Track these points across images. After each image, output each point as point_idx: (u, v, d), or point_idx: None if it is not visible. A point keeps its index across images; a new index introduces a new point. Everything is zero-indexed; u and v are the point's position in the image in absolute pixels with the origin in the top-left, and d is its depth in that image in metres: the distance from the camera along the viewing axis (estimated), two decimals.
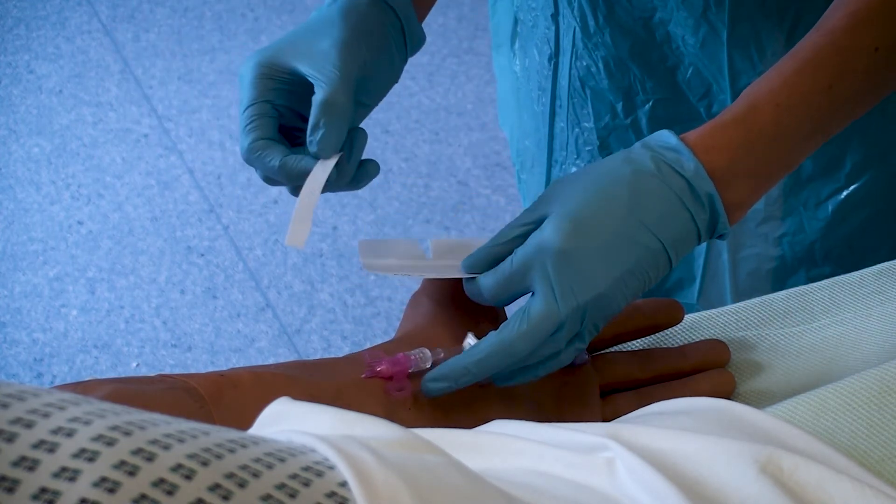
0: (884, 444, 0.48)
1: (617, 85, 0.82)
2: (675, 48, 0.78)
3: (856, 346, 0.62)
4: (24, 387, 0.28)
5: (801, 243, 0.85)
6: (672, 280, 0.92)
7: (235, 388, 0.51)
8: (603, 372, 0.61)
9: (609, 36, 0.80)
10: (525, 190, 1.01)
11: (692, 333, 0.66)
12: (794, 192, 0.83)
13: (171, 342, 1.74)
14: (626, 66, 0.81)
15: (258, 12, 2.35)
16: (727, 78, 0.78)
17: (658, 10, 0.77)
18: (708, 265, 0.89)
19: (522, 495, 0.36)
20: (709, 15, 0.74)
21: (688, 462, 0.42)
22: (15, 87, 2.17)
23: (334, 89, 0.60)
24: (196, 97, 2.16)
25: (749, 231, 0.85)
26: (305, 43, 0.63)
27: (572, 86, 0.85)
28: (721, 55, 0.76)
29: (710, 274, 0.89)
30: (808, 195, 0.82)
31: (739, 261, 0.87)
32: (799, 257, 0.85)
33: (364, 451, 0.30)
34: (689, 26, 0.76)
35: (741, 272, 0.87)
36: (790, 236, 0.85)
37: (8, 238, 1.89)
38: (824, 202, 0.82)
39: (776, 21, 0.74)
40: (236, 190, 1.99)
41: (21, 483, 0.25)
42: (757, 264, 0.87)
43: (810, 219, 0.83)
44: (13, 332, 1.75)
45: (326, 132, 0.60)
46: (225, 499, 0.26)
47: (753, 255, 0.87)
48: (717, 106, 0.80)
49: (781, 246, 0.85)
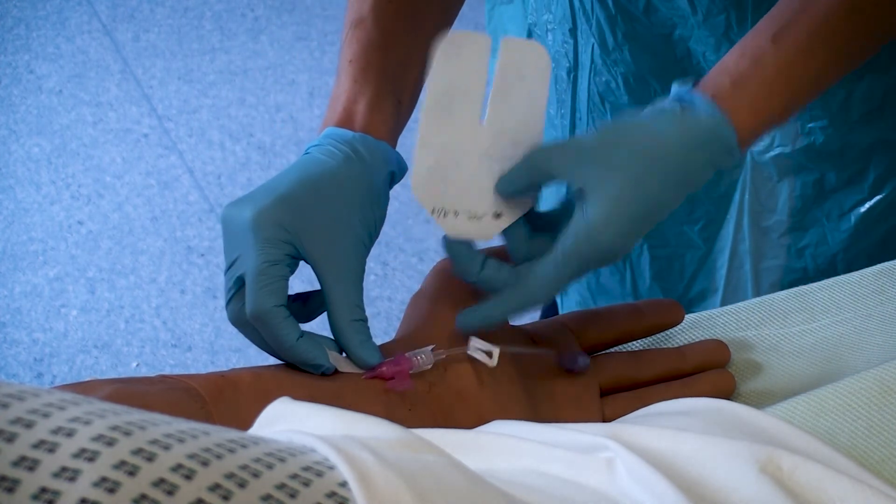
0: (884, 444, 0.48)
1: (637, 100, 0.82)
2: (695, 64, 0.78)
3: (856, 346, 0.62)
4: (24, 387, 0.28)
5: (823, 255, 0.84)
6: (694, 291, 0.91)
7: (235, 389, 0.51)
8: (603, 373, 0.61)
9: (628, 52, 0.79)
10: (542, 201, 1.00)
11: (692, 333, 0.66)
12: (818, 204, 0.82)
13: (171, 342, 1.74)
14: (646, 82, 0.80)
15: (258, 12, 2.35)
16: None
17: (678, 27, 0.76)
18: (730, 277, 0.89)
19: (522, 495, 0.36)
20: (730, 34, 0.74)
21: (688, 462, 0.42)
22: (15, 87, 2.17)
23: (357, 304, 0.57)
24: (196, 97, 2.16)
25: (771, 242, 0.85)
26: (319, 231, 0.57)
27: (591, 100, 0.84)
28: None
29: (732, 285, 0.89)
30: (831, 206, 0.82)
31: (761, 272, 0.87)
32: (822, 269, 0.84)
33: (364, 451, 0.30)
34: (710, 44, 0.75)
35: (763, 283, 0.87)
36: (812, 248, 0.84)
37: (8, 238, 1.89)
38: (847, 213, 0.82)
39: None
40: (236, 190, 1.99)
41: (21, 483, 0.25)
42: (779, 276, 0.86)
43: (833, 230, 0.83)
44: (13, 332, 1.75)
45: (364, 347, 0.57)
46: (225, 499, 0.26)
47: (776, 267, 0.86)
48: None
49: (804, 258, 0.85)
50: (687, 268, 0.90)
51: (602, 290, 0.95)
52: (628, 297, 0.93)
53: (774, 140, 0.80)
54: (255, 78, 2.20)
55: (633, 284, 0.93)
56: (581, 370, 0.60)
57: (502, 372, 0.58)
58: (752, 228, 0.85)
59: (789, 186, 0.82)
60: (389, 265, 1.87)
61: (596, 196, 0.55)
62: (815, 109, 0.77)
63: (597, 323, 0.63)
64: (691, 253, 0.89)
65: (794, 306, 0.66)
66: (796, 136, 0.79)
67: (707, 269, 0.89)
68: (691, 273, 0.90)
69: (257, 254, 0.55)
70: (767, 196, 0.83)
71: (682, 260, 0.90)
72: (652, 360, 0.62)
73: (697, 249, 0.89)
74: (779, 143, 0.80)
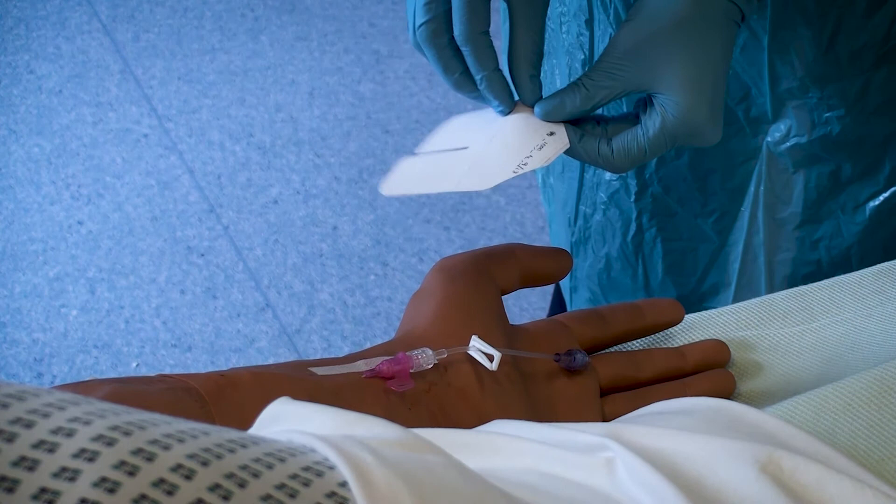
0: (884, 444, 0.48)
1: None
2: None
3: (856, 346, 0.62)
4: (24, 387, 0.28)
5: (838, 247, 0.84)
6: (707, 285, 0.91)
7: (235, 388, 0.51)
8: (603, 372, 0.61)
9: None
10: (550, 195, 1.00)
11: (692, 333, 0.66)
12: (833, 195, 0.82)
13: (171, 342, 1.74)
14: None
15: (258, 12, 2.35)
16: (767, 82, 0.77)
17: None
18: (743, 270, 0.88)
19: (522, 495, 0.36)
20: (750, 22, 0.74)
21: (688, 462, 0.42)
22: (15, 87, 2.17)
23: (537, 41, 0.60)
24: (196, 97, 2.16)
25: (786, 235, 0.85)
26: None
27: None
28: (761, 60, 0.76)
29: (746, 279, 0.88)
30: (846, 198, 0.82)
31: (775, 265, 0.86)
32: (836, 262, 0.84)
33: (364, 451, 0.30)
34: None
35: (777, 277, 0.87)
36: (827, 240, 0.84)
37: (8, 238, 1.89)
38: (862, 205, 0.82)
39: (817, 27, 0.73)
40: (236, 190, 1.99)
41: (21, 483, 0.25)
42: (793, 269, 0.86)
43: (848, 222, 0.83)
44: (13, 332, 1.75)
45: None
46: (225, 499, 0.26)
47: (790, 260, 0.86)
48: (755, 110, 0.80)
49: (818, 250, 0.84)
50: (700, 261, 0.90)
51: (613, 284, 0.95)
52: (640, 291, 0.93)
53: (791, 130, 0.80)
54: (255, 78, 2.20)
55: (646, 279, 0.92)
56: (581, 369, 0.60)
57: (502, 372, 0.58)
58: (767, 220, 0.85)
59: (804, 178, 0.82)
60: (389, 265, 1.87)
61: (669, 83, 0.58)
62: (832, 99, 0.77)
63: (596, 322, 0.63)
64: (704, 246, 0.89)
65: (794, 306, 0.66)
66: (812, 127, 0.79)
67: (720, 263, 0.89)
68: (704, 266, 0.90)
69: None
70: (783, 188, 0.83)
71: (696, 253, 0.90)
72: (652, 360, 0.62)
73: (711, 242, 0.88)
74: (795, 134, 0.80)
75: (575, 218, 0.95)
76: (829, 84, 0.76)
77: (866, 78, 0.76)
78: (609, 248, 0.93)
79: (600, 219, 0.92)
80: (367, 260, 1.88)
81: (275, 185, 2.00)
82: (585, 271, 0.97)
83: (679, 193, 0.87)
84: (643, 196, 0.88)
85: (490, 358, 0.57)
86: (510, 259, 0.62)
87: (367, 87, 2.16)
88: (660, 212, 0.88)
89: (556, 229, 1.00)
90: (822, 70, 0.76)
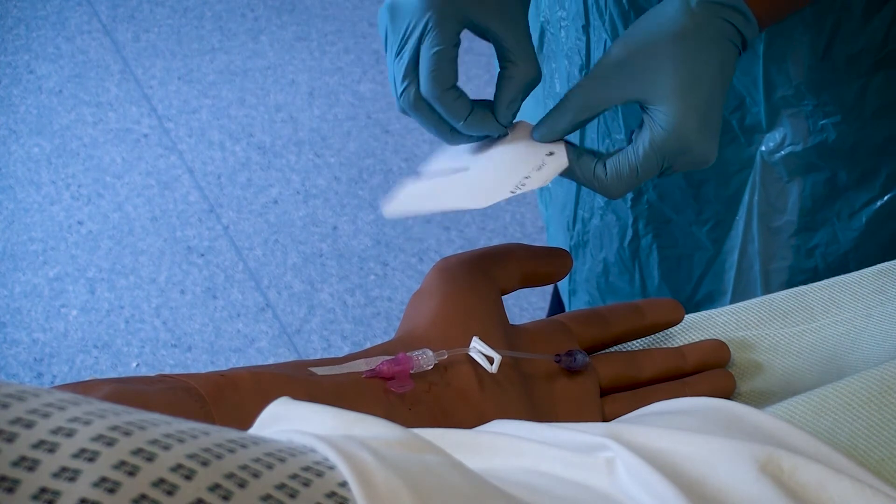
0: (884, 444, 0.48)
1: None
2: None
3: (856, 346, 0.62)
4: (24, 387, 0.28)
5: (834, 254, 0.83)
6: (702, 293, 0.91)
7: (235, 388, 0.51)
8: (603, 372, 0.61)
9: None
10: (548, 198, 1.00)
11: (692, 333, 0.66)
12: (828, 203, 0.81)
13: (171, 342, 1.74)
14: None
15: (258, 12, 2.35)
16: (762, 91, 0.77)
17: None
18: (739, 278, 0.88)
19: (522, 495, 0.36)
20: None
21: (688, 462, 0.42)
22: (15, 87, 2.17)
23: (533, 65, 0.60)
24: (196, 97, 2.16)
25: (781, 243, 0.84)
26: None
27: None
28: (756, 68, 0.76)
29: (742, 287, 0.88)
30: (841, 205, 0.81)
31: (771, 273, 0.86)
32: (832, 269, 0.84)
33: (364, 451, 0.30)
34: None
35: (773, 284, 0.86)
36: (823, 247, 0.84)
37: (8, 238, 1.89)
38: (858, 212, 0.81)
39: (813, 35, 0.73)
40: (236, 190, 1.99)
41: (21, 483, 0.25)
42: (789, 276, 0.86)
43: (844, 229, 0.82)
44: (13, 332, 1.75)
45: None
46: (225, 499, 0.26)
47: (786, 268, 0.85)
48: (749, 119, 0.79)
49: (814, 257, 0.84)
50: (695, 269, 0.90)
51: (611, 289, 0.95)
52: (637, 296, 0.93)
53: (786, 139, 0.80)
54: (255, 78, 2.20)
55: (643, 284, 0.92)
56: (580, 369, 0.60)
57: (502, 372, 0.58)
58: (762, 229, 0.85)
59: (799, 186, 0.82)
60: (389, 265, 1.87)
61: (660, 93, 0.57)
62: (828, 105, 0.77)
63: (596, 322, 0.63)
64: (700, 254, 0.89)
65: (794, 306, 0.66)
66: (808, 134, 0.79)
67: (716, 271, 0.89)
68: (699, 274, 0.90)
69: (434, 34, 0.58)
70: (777, 196, 0.83)
71: (691, 261, 0.90)
72: (652, 360, 0.62)
73: (706, 250, 0.88)
74: (790, 142, 0.80)
75: (573, 222, 0.95)
76: (825, 90, 0.76)
77: (863, 82, 0.75)
78: (606, 253, 0.93)
79: (598, 223, 0.92)
80: (367, 260, 1.88)
81: (275, 185, 2.00)
82: (584, 275, 0.97)
83: (674, 201, 0.87)
84: (639, 202, 0.88)
85: (490, 360, 0.56)
86: (510, 259, 0.62)
87: (367, 87, 2.16)
88: (655, 219, 0.88)
89: (554, 232, 1.00)
90: (818, 75, 0.76)
